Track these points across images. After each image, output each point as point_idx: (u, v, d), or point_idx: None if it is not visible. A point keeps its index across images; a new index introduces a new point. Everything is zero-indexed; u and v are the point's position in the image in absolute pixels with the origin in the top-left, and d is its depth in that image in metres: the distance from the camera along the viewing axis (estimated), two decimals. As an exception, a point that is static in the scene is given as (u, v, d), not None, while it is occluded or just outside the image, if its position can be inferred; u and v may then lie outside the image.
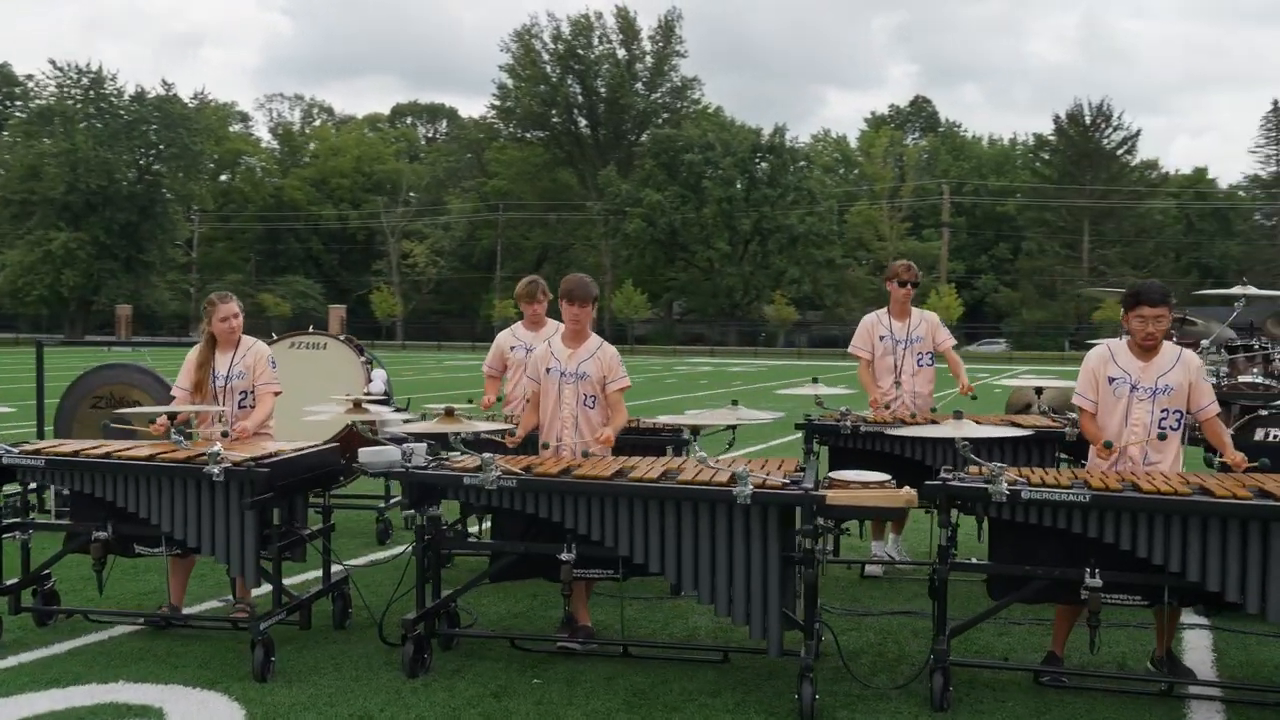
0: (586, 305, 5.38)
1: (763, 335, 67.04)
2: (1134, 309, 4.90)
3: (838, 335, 69.23)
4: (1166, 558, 4.24)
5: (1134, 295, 4.91)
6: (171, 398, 5.79)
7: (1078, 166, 66.11)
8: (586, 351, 5.45)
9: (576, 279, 5.44)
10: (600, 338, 5.56)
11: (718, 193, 60.66)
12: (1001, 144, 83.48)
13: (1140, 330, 4.89)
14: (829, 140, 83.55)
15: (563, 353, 5.46)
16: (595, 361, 5.43)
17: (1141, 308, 4.87)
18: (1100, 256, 64.71)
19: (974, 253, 73.46)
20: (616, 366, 5.45)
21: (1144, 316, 4.87)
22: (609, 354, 5.47)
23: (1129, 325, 4.96)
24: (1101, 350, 5.12)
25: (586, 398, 5.39)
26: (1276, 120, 64.75)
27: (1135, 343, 4.97)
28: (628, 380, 5.48)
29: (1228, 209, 72.97)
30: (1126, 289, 5.01)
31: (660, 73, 69.16)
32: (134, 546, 5.34)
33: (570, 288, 5.39)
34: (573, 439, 5.32)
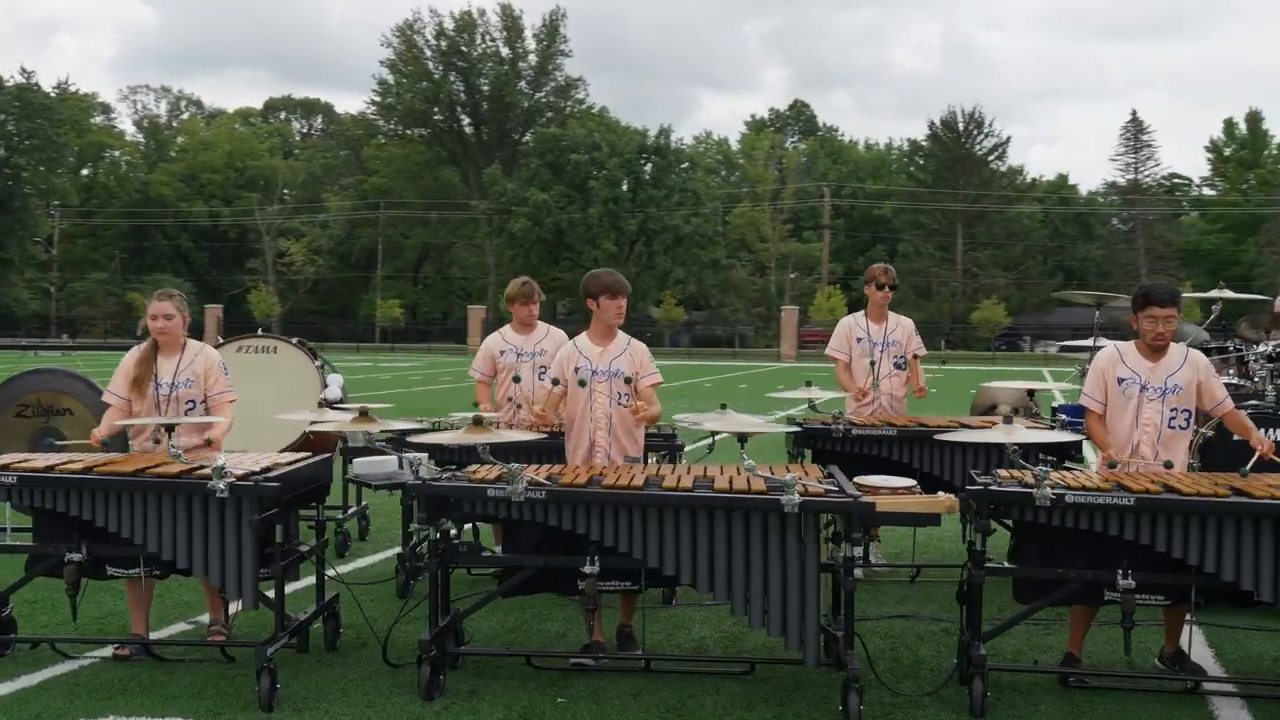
0: (624, 300, 5.22)
1: (649, 335, 67.31)
2: (1144, 309, 4.97)
3: (720, 335, 70.13)
4: (1202, 558, 4.28)
5: (1144, 296, 4.98)
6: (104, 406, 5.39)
7: (951, 171, 68.20)
8: (617, 348, 5.28)
9: (612, 275, 5.28)
10: (626, 334, 5.38)
11: (604, 193, 60.58)
12: (878, 148, 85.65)
13: (1150, 330, 4.97)
14: (710, 142, 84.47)
15: (592, 351, 5.27)
16: (627, 358, 5.27)
17: (1151, 308, 4.94)
18: (973, 259, 66.89)
19: (852, 254, 75.14)
20: (648, 362, 5.32)
21: (1154, 317, 4.94)
22: (640, 349, 5.32)
23: (1138, 326, 5.03)
24: (1110, 351, 5.18)
25: (621, 396, 5.21)
26: (1135, 130, 67.91)
27: (1144, 343, 5.04)
28: (659, 375, 5.34)
29: (1088, 214, 76.34)
30: (1137, 291, 5.07)
31: (545, 72, 68.80)
32: (106, 568, 4.93)
33: (612, 283, 5.23)
34: (606, 440, 5.14)
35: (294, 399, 7.17)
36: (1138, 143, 67.97)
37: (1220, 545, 4.27)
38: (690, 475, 4.64)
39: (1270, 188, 67.74)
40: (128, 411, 5.24)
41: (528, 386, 6.69)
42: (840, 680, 4.70)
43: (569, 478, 4.54)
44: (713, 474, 4.68)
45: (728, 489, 4.36)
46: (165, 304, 5.23)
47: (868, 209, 75.61)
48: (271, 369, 7.57)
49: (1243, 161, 71.30)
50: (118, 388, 5.23)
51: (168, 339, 5.25)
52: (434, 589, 4.64)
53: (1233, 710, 4.53)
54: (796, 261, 70.78)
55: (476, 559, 4.78)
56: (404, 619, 5.39)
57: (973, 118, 68.55)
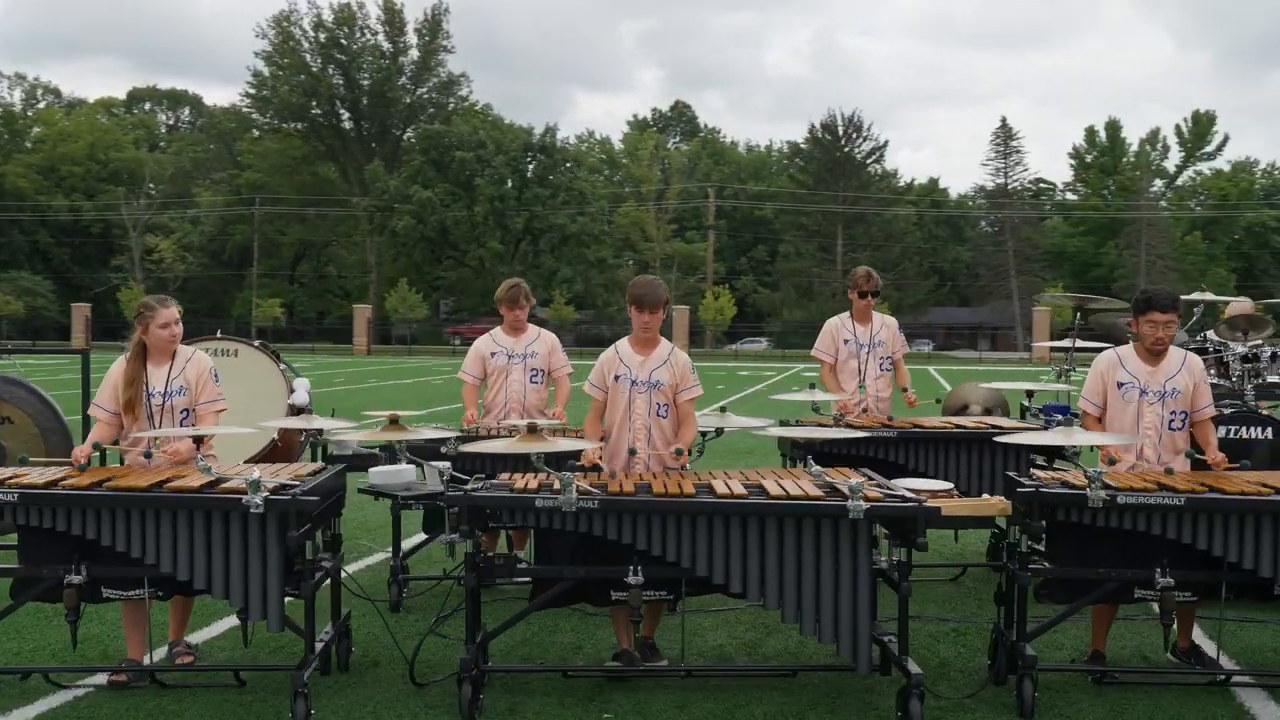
0: (658, 311, 5.02)
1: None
2: (1145, 314, 5.05)
3: (605, 335, 70.10)
4: (1241, 554, 4.38)
5: (1146, 301, 5.06)
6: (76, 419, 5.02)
7: (831, 174, 69.57)
8: (658, 358, 5.10)
9: (647, 283, 5.06)
10: (669, 343, 5.21)
11: (490, 191, 59.98)
12: (758, 150, 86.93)
13: (1151, 335, 5.06)
14: (593, 141, 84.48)
15: (633, 359, 5.09)
16: (668, 368, 5.09)
17: (1153, 313, 5.03)
18: (853, 260, 68.29)
19: (734, 254, 76.11)
20: (690, 374, 5.14)
21: (1155, 321, 5.03)
22: (682, 360, 5.14)
23: (1139, 330, 5.11)
24: (1110, 356, 5.25)
25: (660, 407, 5.05)
26: (1005, 136, 70.42)
27: (1144, 347, 5.13)
28: (700, 388, 5.18)
29: (959, 217, 78.98)
30: (1138, 295, 5.16)
31: (427, 67, 67.73)
32: (102, 590, 4.57)
33: (641, 293, 5.01)
34: (645, 450, 4.98)
35: (261, 405, 6.81)
36: (1007, 148, 70.52)
37: (1259, 541, 4.37)
38: (737, 481, 4.53)
39: (1129, 193, 71.13)
40: (116, 426, 4.87)
41: (518, 389, 6.50)
42: (885, 685, 4.70)
43: (615, 486, 4.39)
44: (755, 479, 4.59)
45: (784, 495, 4.27)
46: (173, 310, 4.91)
47: (749, 210, 76.67)
48: (234, 373, 7.13)
49: (1103, 168, 74.67)
50: (105, 400, 4.86)
51: (173, 345, 4.92)
52: (471, 604, 4.44)
53: (1260, 702, 4.64)
54: (681, 261, 71.28)
55: (513, 571, 4.57)
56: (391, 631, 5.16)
57: (852, 121, 70.12)
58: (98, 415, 4.85)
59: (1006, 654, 4.67)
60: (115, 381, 4.86)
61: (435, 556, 7.00)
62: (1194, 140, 74.73)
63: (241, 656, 5.09)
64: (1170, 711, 4.51)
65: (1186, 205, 74.85)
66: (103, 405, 4.86)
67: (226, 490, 4.19)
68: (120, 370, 4.88)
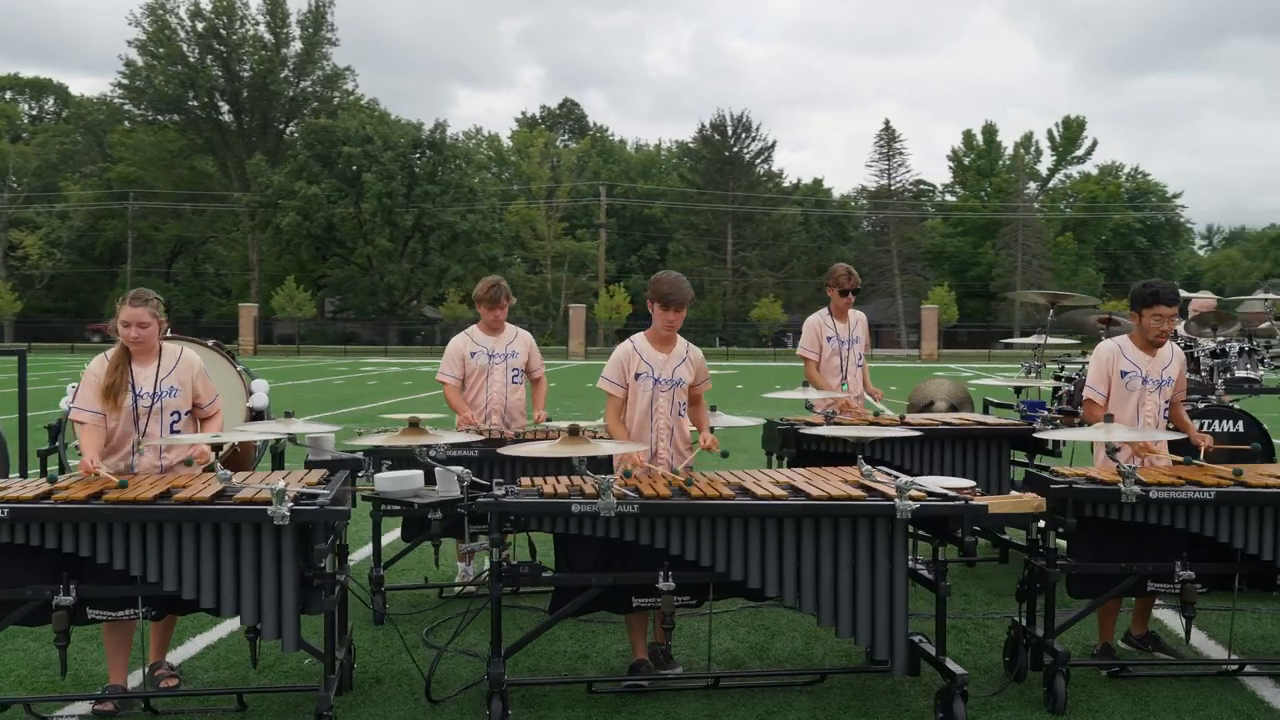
0: (683, 310, 4.88)
1: (420, 335, 65.78)
2: (1151, 308, 5.13)
3: (495, 334, 69.32)
4: (1261, 546, 4.46)
5: (1153, 295, 5.14)
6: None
7: (721, 173, 70.26)
8: (678, 356, 4.96)
9: (673, 281, 4.90)
10: (683, 339, 5.07)
11: (378, 188, 58.64)
12: (647, 149, 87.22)
13: (1155, 328, 5.14)
14: (481, 138, 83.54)
15: (655, 357, 4.92)
16: (688, 366, 4.96)
17: (1159, 307, 5.11)
18: (742, 258, 69.21)
19: (624, 253, 76.22)
20: (705, 369, 5.05)
21: (1160, 315, 5.12)
22: (698, 356, 5.05)
23: (1143, 323, 5.18)
24: (1112, 346, 5.32)
25: (681, 406, 4.92)
26: (888, 138, 72.10)
27: (1147, 339, 5.21)
28: (710, 383, 5.09)
29: (842, 217, 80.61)
30: (1143, 289, 5.22)
31: (311, 60, 65.89)
32: (87, 611, 4.21)
33: (668, 291, 4.85)
34: (669, 451, 4.82)
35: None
36: (890, 150, 72.23)
37: (1276, 531, 4.45)
38: (768, 481, 4.42)
39: (1005, 195, 73.55)
40: (104, 427, 4.50)
41: (499, 389, 6.28)
42: (909, 685, 4.66)
43: (649, 489, 4.23)
44: (785, 479, 4.49)
45: (826, 496, 4.17)
46: (139, 310, 4.51)
47: (639, 208, 76.87)
48: (185, 375, 6.74)
49: (980, 170, 77.07)
50: (88, 401, 4.48)
51: (141, 349, 4.55)
52: (496, 615, 4.23)
53: (1271, 690, 4.73)
54: (572, 260, 71.04)
55: (538, 580, 4.36)
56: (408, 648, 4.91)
57: (741, 122, 70.88)
58: (83, 419, 4.46)
59: (1031, 650, 4.66)
60: (95, 379, 4.49)
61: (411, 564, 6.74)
62: (1065, 145, 77.74)
63: (230, 678, 4.78)
64: (1191, 701, 4.56)
65: (1058, 207, 77.79)
66: (86, 406, 4.48)
67: (244, 501, 3.89)
68: (101, 368, 4.52)
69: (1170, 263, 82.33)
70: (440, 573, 6.52)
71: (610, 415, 4.91)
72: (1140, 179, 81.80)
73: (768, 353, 55.24)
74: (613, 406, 4.91)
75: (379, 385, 26.91)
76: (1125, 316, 6.78)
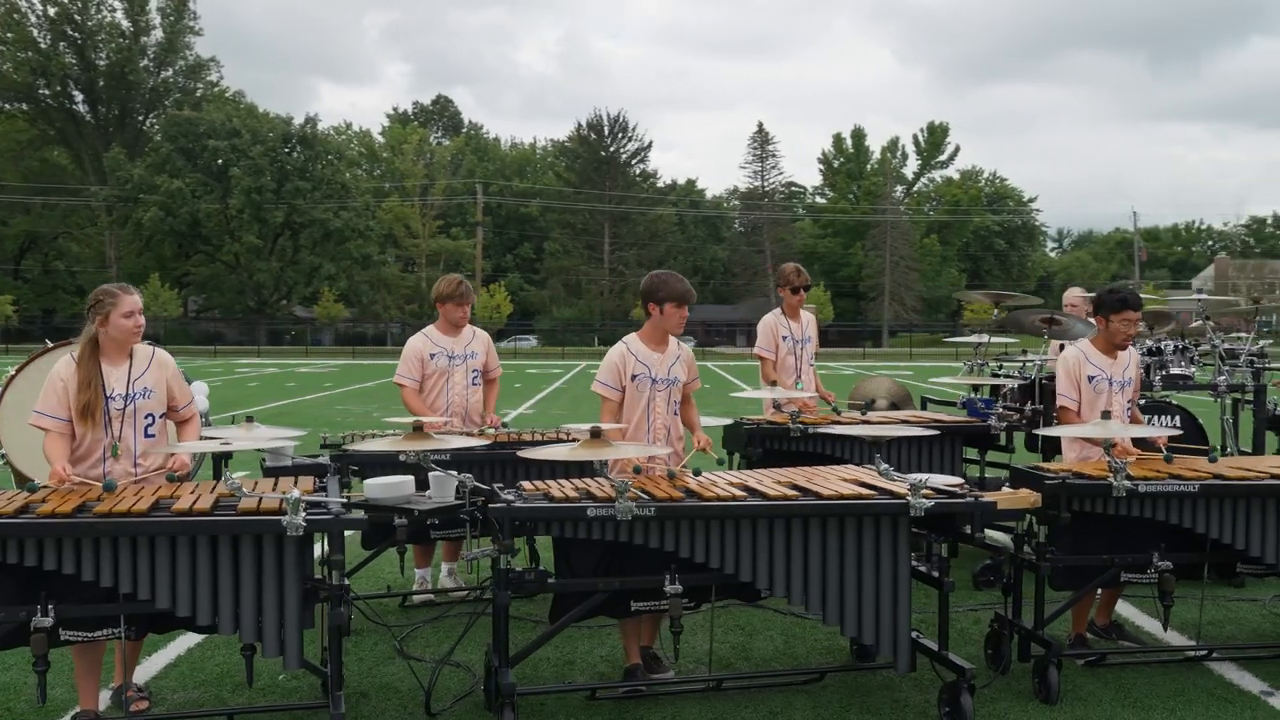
0: (688, 311, 4.85)
1: (290, 335, 64.01)
2: (1119, 313, 5.31)
3: (367, 333, 67.99)
4: (1233, 535, 4.65)
5: (1121, 301, 5.32)
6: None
7: (597, 173, 70.36)
8: (672, 355, 4.94)
9: (683, 280, 4.88)
10: (674, 339, 5.02)
11: (246, 183, 56.82)
12: (522, 147, 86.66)
13: (1123, 332, 5.33)
14: (350, 134, 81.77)
15: (651, 357, 4.85)
16: (682, 364, 4.95)
17: (1127, 312, 5.30)
18: (619, 258, 69.43)
19: (500, 252, 75.65)
20: (695, 367, 5.07)
21: (1128, 320, 5.31)
22: (689, 354, 5.05)
23: (1111, 327, 5.35)
24: (1075, 353, 5.48)
25: (676, 404, 4.89)
26: (761, 140, 73.32)
27: (1114, 343, 5.40)
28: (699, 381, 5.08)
29: (716, 218, 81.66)
30: (1110, 295, 5.39)
31: (173, 49, 63.44)
32: (60, 632, 3.92)
33: (684, 291, 4.85)
34: (665, 452, 4.74)
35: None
36: (764, 152, 73.46)
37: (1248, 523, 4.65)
38: (771, 481, 4.41)
39: (873, 197, 75.64)
40: (70, 435, 4.21)
41: (460, 392, 6.11)
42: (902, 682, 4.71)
43: (660, 492, 4.17)
44: (787, 479, 4.48)
45: (839, 495, 4.18)
46: (136, 297, 4.31)
47: (514, 207, 76.40)
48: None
49: (849, 174, 79.08)
50: (51, 407, 4.18)
51: (136, 340, 4.31)
52: (503, 623, 4.12)
53: (1236, 673, 4.94)
54: (447, 258, 70.08)
55: (543, 586, 4.25)
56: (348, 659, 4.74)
57: (617, 122, 71.09)
58: (47, 425, 4.16)
59: (1020, 642, 4.76)
60: (63, 385, 4.19)
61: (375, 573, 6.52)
62: (930, 150, 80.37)
63: (205, 698, 4.53)
64: (1168, 687, 4.73)
65: (923, 210, 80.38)
66: (51, 413, 4.17)
67: (251, 511, 3.68)
68: (69, 372, 4.22)
69: (1026, 264, 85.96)
70: (405, 580, 6.32)
71: (605, 420, 4.83)
72: (999, 183, 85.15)
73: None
74: (608, 410, 4.84)
75: (260, 387, 26.07)
76: (1065, 317, 7.02)
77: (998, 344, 7.59)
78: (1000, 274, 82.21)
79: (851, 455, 6.19)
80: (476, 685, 4.60)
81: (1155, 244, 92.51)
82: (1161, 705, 4.50)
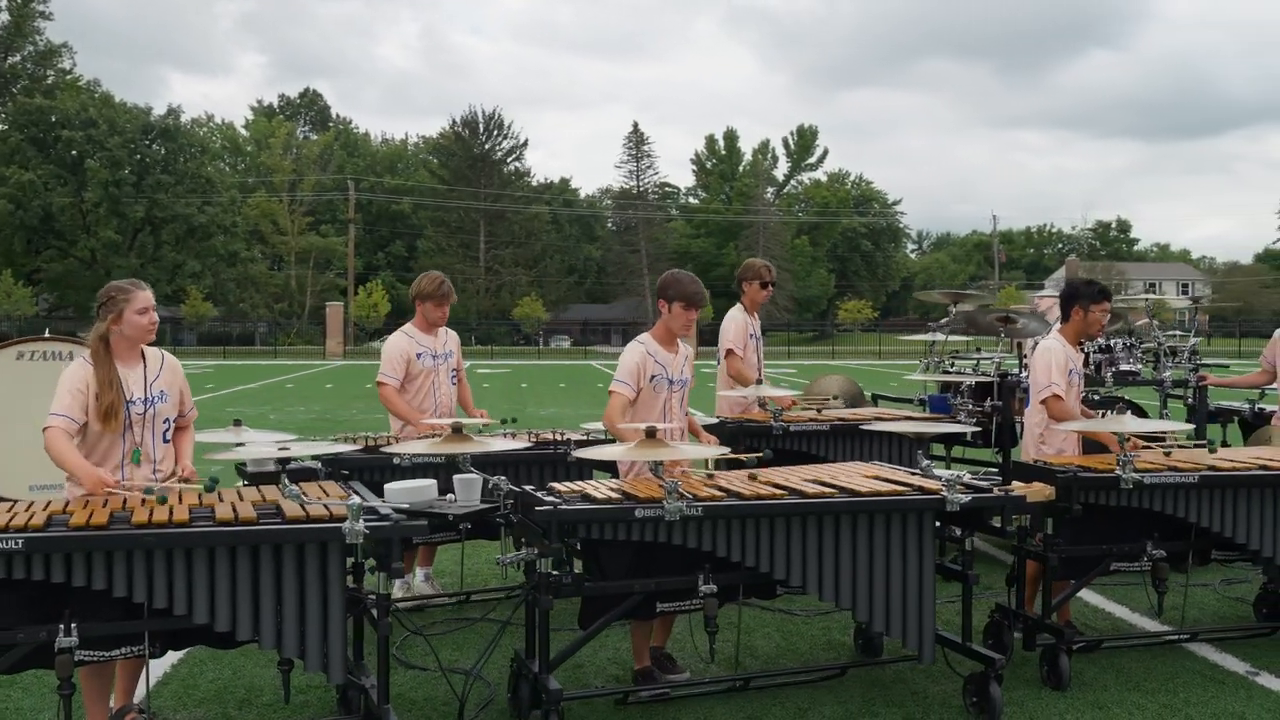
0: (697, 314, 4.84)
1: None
2: (1098, 304, 5.50)
3: (232, 333, 65.67)
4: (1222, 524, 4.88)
5: (1100, 293, 5.53)
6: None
7: (471, 170, 69.55)
8: (682, 355, 4.95)
9: (695, 281, 4.84)
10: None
11: (103, 176, 54.22)
12: (393, 143, 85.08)
13: (1099, 321, 5.54)
14: (212, 126, 78.96)
15: (666, 358, 4.82)
16: (689, 365, 4.95)
17: (1105, 302, 5.52)
18: (495, 256, 68.81)
19: (371, 249, 74.11)
20: (693, 366, 5.03)
21: (1106, 310, 5.54)
22: (691, 354, 5.00)
23: (1090, 318, 5.52)
24: (1057, 344, 5.62)
25: (686, 405, 4.91)
26: (637, 140, 73.67)
27: (1090, 333, 5.61)
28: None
29: (590, 217, 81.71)
30: (1089, 287, 5.57)
31: (21, 34, 60.02)
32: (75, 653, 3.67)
33: (696, 291, 4.81)
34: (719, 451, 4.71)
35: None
36: (639, 152, 73.82)
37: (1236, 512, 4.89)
38: (797, 479, 4.43)
39: (746, 198, 76.82)
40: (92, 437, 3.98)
41: (446, 391, 5.98)
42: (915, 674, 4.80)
43: (701, 492, 4.14)
44: (821, 475, 4.52)
45: (874, 492, 4.23)
46: (149, 293, 4.09)
47: (386, 204, 74.93)
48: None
49: (722, 174, 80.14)
50: (73, 409, 3.92)
51: (149, 339, 4.09)
52: (544, 626, 4.04)
53: (1216, 654, 5.19)
54: (317, 256, 68.34)
55: (580, 589, 4.17)
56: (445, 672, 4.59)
57: (492, 119, 70.44)
58: (66, 427, 3.89)
59: (1026, 631, 4.89)
60: (82, 386, 3.94)
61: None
62: (799, 152, 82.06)
63: (213, 714, 4.31)
64: (1162, 671, 4.93)
65: (794, 212, 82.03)
66: (70, 415, 3.91)
67: (300, 519, 3.51)
68: (86, 373, 3.97)
69: (891, 265, 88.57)
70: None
71: (615, 414, 4.69)
72: (864, 186, 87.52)
73: (532, 350, 55.27)
74: (621, 405, 4.70)
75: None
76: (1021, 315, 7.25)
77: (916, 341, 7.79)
78: (867, 275, 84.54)
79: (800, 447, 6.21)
80: (492, 693, 4.50)
81: (1009, 246, 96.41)
82: (1161, 688, 4.70)
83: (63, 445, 3.86)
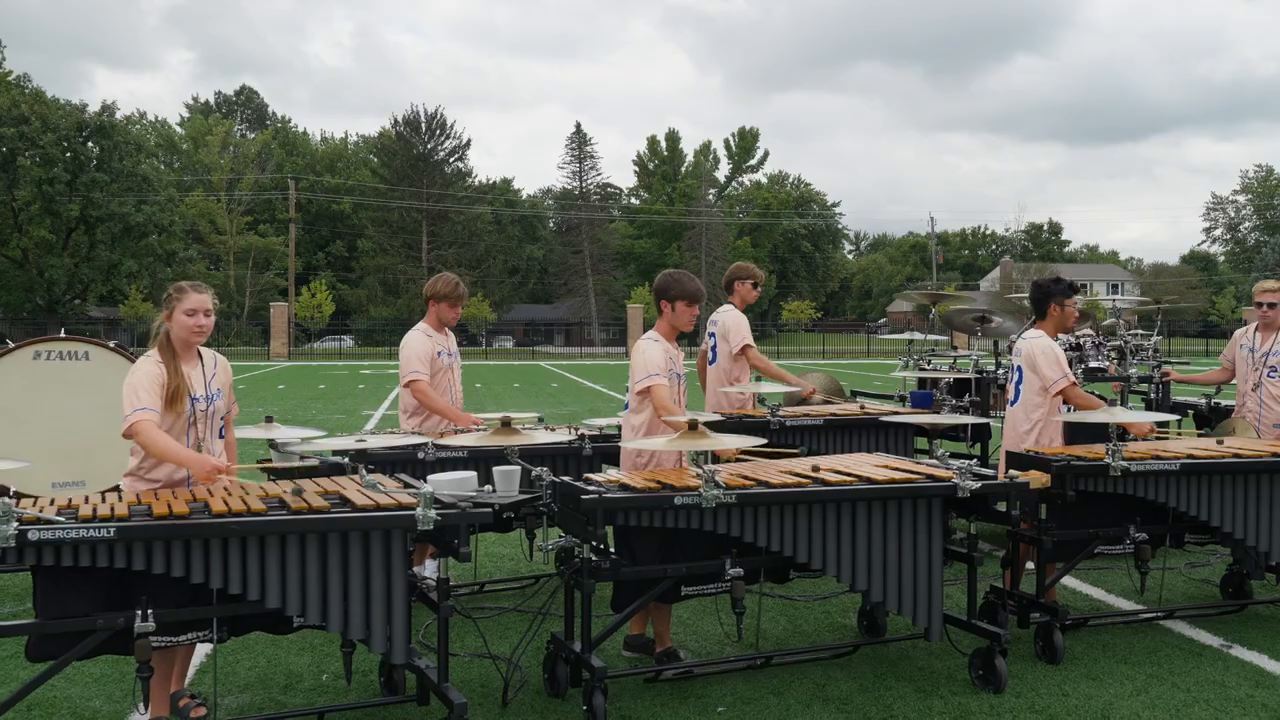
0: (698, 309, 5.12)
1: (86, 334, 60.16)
2: (1071, 298, 5.89)
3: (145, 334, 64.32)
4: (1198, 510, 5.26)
5: (1070, 286, 5.91)
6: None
7: (413, 170, 69.13)
8: (679, 352, 5.18)
9: (695, 282, 5.11)
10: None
11: (37, 173, 53.01)
12: (333, 142, 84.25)
13: (1073, 315, 5.94)
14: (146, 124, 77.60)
15: (672, 354, 5.11)
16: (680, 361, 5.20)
17: (1075, 296, 5.90)
18: (438, 257, 68.43)
19: (311, 249, 73.38)
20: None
21: (1076, 303, 5.92)
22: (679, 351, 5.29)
23: (1065, 311, 5.88)
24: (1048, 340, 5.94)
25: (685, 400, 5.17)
26: (579, 141, 73.78)
27: (1066, 327, 5.98)
28: None
29: (532, 218, 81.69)
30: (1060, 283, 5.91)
31: (-52, 27, 58.52)
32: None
33: (696, 290, 5.09)
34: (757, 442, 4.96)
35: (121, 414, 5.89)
36: (582, 153, 73.93)
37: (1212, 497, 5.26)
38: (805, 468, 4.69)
39: (688, 199, 77.30)
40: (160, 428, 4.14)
41: (457, 390, 6.18)
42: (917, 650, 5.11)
43: (731, 480, 4.40)
44: (832, 464, 4.80)
45: (891, 480, 4.52)
46: (206, 296, 4.23)
47: (326, 204, 74.24)
48: (87, 380, 6.07)
49: (665, 176, 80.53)
50: (151, 401, 4.06)
51: (201, 340, 4.24)
52: (586, 608, 4.27)
53: (1190, 630, 5.58)
54: (256, 256, 67.53)
55: (618, 575, 4.40)
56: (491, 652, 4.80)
57: (435, 119, 70.09)
58: (156, 420, 4.03)
59: (1020, 610, 5.23)
60: (154, 381, 4.09)
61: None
62: (740, 154, 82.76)
63: (262, 701, 4.48)
64: (1143, 646, 5.29)
65: (735, 213, 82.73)
66: (155, 407, 4.06)
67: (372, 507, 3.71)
68: (157, 368, 4.12)
69: (830, 265, 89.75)
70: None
71: (669, 403, 4.93)
72: (804, 188, 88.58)
73: (479, 351, 55.13)
74: (667, 394, 4.94)
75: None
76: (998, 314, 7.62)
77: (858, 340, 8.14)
78: (807, 275, 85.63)
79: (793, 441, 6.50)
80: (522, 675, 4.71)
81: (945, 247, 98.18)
82: (1147, 660, 5.06)
83: (162, 436, 4.00)
